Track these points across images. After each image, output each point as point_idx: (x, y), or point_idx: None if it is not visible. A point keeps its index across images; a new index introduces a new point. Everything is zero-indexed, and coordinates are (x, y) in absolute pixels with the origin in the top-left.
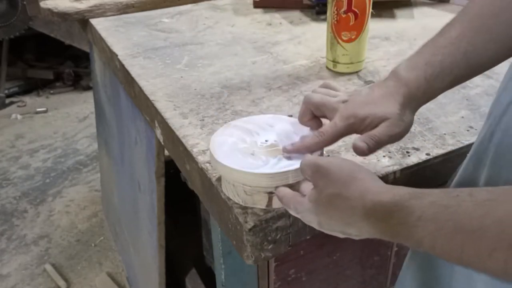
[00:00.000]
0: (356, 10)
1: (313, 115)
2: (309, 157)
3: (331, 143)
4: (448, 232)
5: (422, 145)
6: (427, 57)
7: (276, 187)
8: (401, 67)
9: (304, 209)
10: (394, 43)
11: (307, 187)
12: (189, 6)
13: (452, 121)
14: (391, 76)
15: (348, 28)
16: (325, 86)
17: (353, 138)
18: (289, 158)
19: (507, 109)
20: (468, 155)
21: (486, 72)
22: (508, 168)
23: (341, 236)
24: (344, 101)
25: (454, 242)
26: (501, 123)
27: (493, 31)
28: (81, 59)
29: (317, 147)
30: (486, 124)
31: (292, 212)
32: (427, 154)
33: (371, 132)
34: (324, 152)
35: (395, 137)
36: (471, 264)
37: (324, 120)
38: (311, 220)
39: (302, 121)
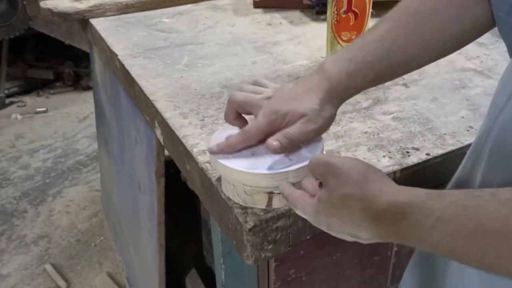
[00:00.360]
0: (356, 10)
1: (238, 113)
2: (320, 155)
3: (256, 140)
4: (468, 232)
5: (422, 145)
6: (352, 52)
7: (277, 187)
8: (328, 60)
9: (312, 210)
10: None
11: (310, 184)
12: (189, 6)
13: (452, 121)
14: (318, 68)
15: (348, 28)
16: (254, 83)
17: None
18: (289, 158)
19: (503, 107)
20: (467, 153)
21: (486, 72)
22: (503, 165)
23: (349, 239)
24: (268, 98)
25: (475, 243)
26: (498, 121)
27: (419, 33)
28: (81, 59)
29: (241, 145)
30: (484, 123)
31: (299, 212)
32: (427, 154)
33: (285, 130)
34: (324, 152)
35: (312, 133)
36: (493, 267)
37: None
38: (320, 221)
39: (227, 119)
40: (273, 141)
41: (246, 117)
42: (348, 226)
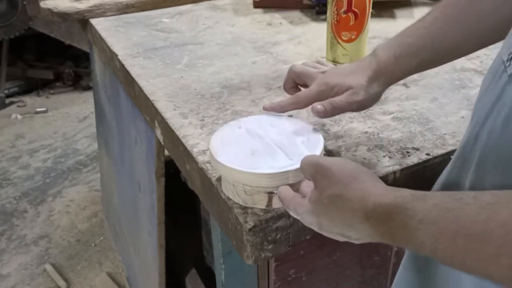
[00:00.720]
0: (356, 10)
1: (295, 83)
2: (310, 156)
3: (304, 105)
4: (450, 235)
5: (422, 145)
6: (401, 38)
7: (277, 187)
8: (380, 45)
9: (304, 210)
10: None
11: (307, 187)
12: (189, 6)
13: (452, 121)
14: (371, 52)
15: (348, 28)
16: (316, 61)
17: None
18: (289, 158)
19: (491, 110)
20: (452, 158)
21: (486, 72)
22: (493, 171)
23: (340, 239)
24: (323, 72)
25: (456, 246)
26: (486, 124)
27: (463, 21)
28: (81, 59)
29: (291, 107)
30: (470, 127)
31: (292, 214)
32: (427, 154)
33: (331, 98)
34: (324, 152)
35: (355, 104)
36: (474, 270)
37: None
38: (311, 221)
39: (284, 88)
40: (318, 105)
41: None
42: (338, 226)
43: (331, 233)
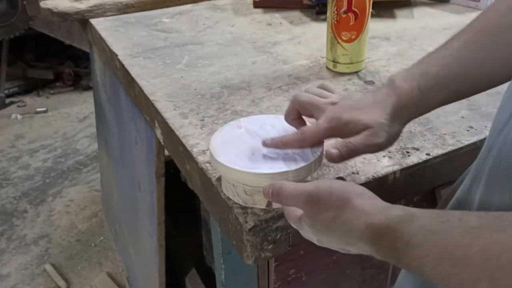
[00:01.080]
0: (356, 10)
1: (299, 114)
2: (292, 187)
3: (311, 143)
4: (434, 258)
5: (422, 145)
6: (425, 67)
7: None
8: (399, 75)
9: (301, 226)
10: (394, 43)
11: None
12: (189, 6)
13: (452, 121)
14: (387, 83)
15: (348, 28)
16: (321, 86)
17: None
18: (289, 158)
19: (505, 125)
20: (468, 172)
21: None
22: (501, 185)
23: (342, 251)
24: (333, 103)
25: (440, 269)
26: (499, 139)
27: (497, 48)
28: (81, 59)
29: (296, 145)
30: (486, 142)
31: (291, 224)
32: (427, 154)
33: (348, 139)
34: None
35: (374, 147)
36: None
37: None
38: (311, 237)
39: (287, 119)
40: (332, 149)
41: (307, 120)
42: (338, 243)
43: (332, 248)
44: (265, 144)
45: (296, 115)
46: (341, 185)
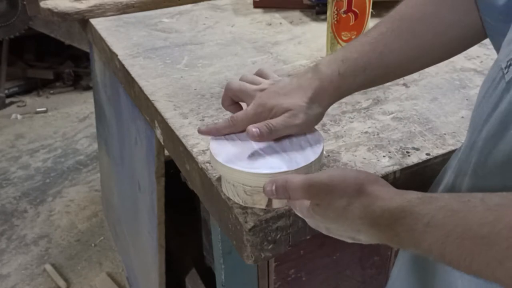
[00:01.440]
0: (356, 10)
1: (233, 101)
2: (301, 179)
3: (241, 128)
4: (457, 238)
5: (422, 145)
6: (346, 53)
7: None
8: (323, 60)
9: (310, 215)
10: None
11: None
12: (189, 6)
13: (452, 121)
14: (312, 68)
15: (348, 28)
16: (257, 72)
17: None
18: (289, 158)
19: (488, 117)
20: (448, 167)
21: (486, 72)
22: (487, 179)
23: (349, 241)
24: (262, 90)
25: (463, 249)
26: (482, 133)
27: (417, 36)
28: (81, 59)
29: (227, 130)
30: (467, 136)
31: (297, 213)
32: (427, 154)
33: (268, 120)
34: (324, 153)
35: (293, 128)
36: (481, 273)
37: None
38: (319, 226)
39: (223, 105)
40: (252, 128)
41: (242, 104)
42: (347, 231)
43: (340, 237)
44: (199, 130)
45: (230, 101)
46: (354, 172)
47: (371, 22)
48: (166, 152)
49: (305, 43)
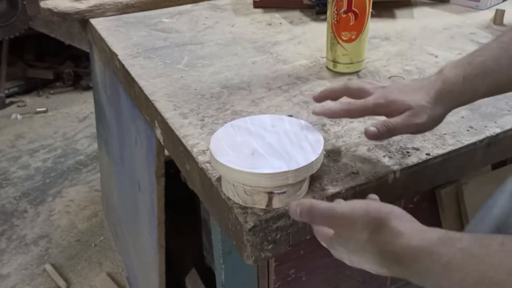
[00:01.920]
0: (356, 10)
1: (337, 97)
2: (325, 207)
3: (357, 116)
4: (474, 282)
5: (422, 145)
6: (472, 57)
7: (277, 187)
8: (448, 64)
9: (333, 245)
10: (394, 43)
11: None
12: (189, 6)
13: (452, 121)
14: (438, 71)
15: (348, 28)
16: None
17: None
18: (289, 158)
19: None
20: (501, 196)
21: None
22: None
23: (374, 272)
24: (383, 87)
25: None
26: None
27: None
28: (81, 59)
29: (342, 114)
30: None
31: (322, 243)
32: (427, 154)
33: (388, 118)
34: (324, 152)
35: (414, 127)
36: None
37: None
38: (342, 257)
39: (319, 95)
40: (371, 127)
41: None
42: (369, 264)
43: (363, 268)
44: (314, 112)
45: (335, 95)
46: (377, 206)
47: (371, 22)
48: (166, 152)
49: (305, 43)
